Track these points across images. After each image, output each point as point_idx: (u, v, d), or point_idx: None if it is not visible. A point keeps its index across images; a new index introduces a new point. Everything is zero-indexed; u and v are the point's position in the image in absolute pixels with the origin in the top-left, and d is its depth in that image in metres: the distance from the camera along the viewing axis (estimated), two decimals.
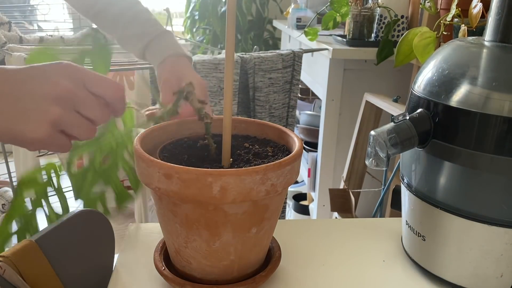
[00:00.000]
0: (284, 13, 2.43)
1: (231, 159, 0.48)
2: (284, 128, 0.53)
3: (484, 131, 0.44)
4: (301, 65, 1.35)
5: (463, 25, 0.96)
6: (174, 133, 0.54)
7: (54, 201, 0.56)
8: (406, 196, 0.54)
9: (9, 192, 1.50)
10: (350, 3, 1.48)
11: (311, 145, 1.84)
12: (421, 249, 0.53)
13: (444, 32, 1.04)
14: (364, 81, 1.49)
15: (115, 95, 0.45)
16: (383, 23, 1.39)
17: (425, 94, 0.48)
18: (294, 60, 1.33)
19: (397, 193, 0.59)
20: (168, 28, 1.52)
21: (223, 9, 2.65)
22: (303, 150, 1.16)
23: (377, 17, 1.41)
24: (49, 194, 0.56)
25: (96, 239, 0.51)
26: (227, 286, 0.47)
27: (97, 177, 0.58)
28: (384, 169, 0.67)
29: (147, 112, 0.63)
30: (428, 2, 1.14)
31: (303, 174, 1.84)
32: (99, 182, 0.58)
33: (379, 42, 1.36)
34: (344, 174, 1.44)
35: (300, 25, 1.87)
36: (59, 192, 0.57)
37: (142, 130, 0.50)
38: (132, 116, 0.62)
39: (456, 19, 1.00)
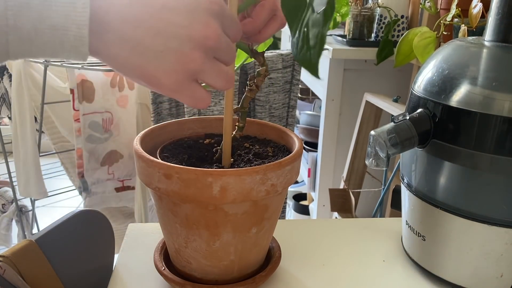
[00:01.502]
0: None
1: (232, 159, 0.48)
2: (284, 128, 0.53)
3: (484, 131, 0.44)
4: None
5: (463, 25, 0.96)
6: (174, 133, 0.54)
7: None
8: (406, 196, 0.54)
9: (9, 192, 1.50)
10: (350, 3, 1.48)
11: (311, 145, 1.84)
12: (421, 249, 0.53)
13: (444, 32, 1.04)
14: (364, 81, 1.48)
15: (237, 39, 0.40)
16: (383, 23, 1.39)
17: (425, 94, 0.48)
18: (294, 60, 1.33)
19: (397, 193, 0.59)
20: None
21: None
22: (303, 150, 1.16)
23: (377, 17, 1.41)
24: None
25: (96, 239, 0.51)
26: (227, 286, 0.47)
27: None
28: (384, 169, 0.67)
29: None
30: (428, 2, 1.14)
31: (303, 174, 1.84)
32: None
33: (379, 42, 1.36)
34: (344, 174, 1.44)
35: None
36: None
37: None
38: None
39: (456, 19, 1.00)
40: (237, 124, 0.49)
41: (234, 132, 0.49)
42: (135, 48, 0.34)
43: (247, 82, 0.48)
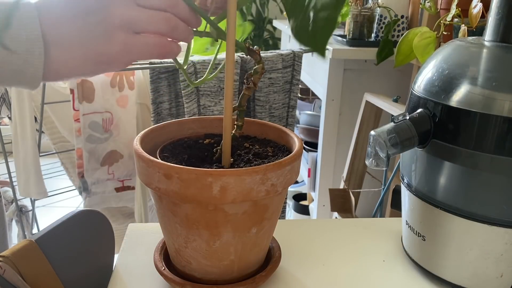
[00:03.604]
0: (284, 13, 2.43)
1: (231, 159, 0.48)
2: (284, 128, 0.53)
3: (484, 131, 0.44)
4: (301, 65, 1.35)
5: (463, 25, 0.96)
6: (174, 133, 0.54)
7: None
8: (406, 196, 0.54)
9: (9, 192, 1.50)
10: (350, 3, 1.48)
11: (311, 145, 1.84)
12: (421, 249, 0.53)
13: (444, 32, 1.04)
14: (364, 81, 1.48)
15: None
16: (383, 23, 1.39)
17: (425, 94, 0.48)
18: (294, 60, 1.33)
19: (397, 193, 0.59)
20: None
21: None
22: (303, 150, 1.16)
23: (377, 17, 1.41)
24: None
25: (96, 239, 0.51)
26: (227, 286, 0.47)
27: None
28: (384, 169, 0.67)
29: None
30: (428, 2, 1.14)
31: (303, 174, 1.84)
32: None
33: (379, 42, 1.36)
34: (344, 174, 1.44)
35: None
36: None
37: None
38: None
39: (456, 19, 1.00)
40: (235, 123, 0.49)
41: (233, 131, 0.49)
42: (75, 45, 0.39)
43: (244, 80, 0.48)
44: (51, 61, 0.39)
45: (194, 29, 0.45)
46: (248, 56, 0.47)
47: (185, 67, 0.51)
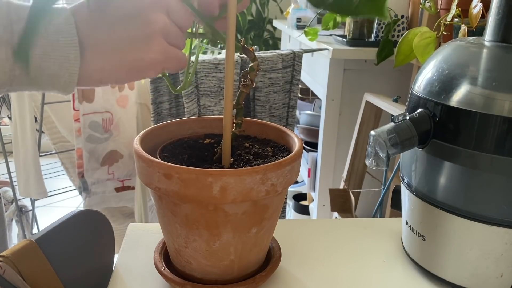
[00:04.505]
0: (284, 13, 2.43)
1: (231, 159, 0.48)
2: (284, 128, 0.53)
3: (484, 131, 0.44)
4: (301, 65, 1.35)
5: (463, 25, 0.96)
6: (174, 133, 0.54)
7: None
8: (406, 196, 0.54)
9: (9, 192, 1.50)
10: None
11: (311, 145, 1.84)
12: (421, 249, 0.53)
13: (444, 32, 1.04)
14: (364, 81, 1.48)
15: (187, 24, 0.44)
16: (383, 23, 1.39)
17: (425, 94, 0.48)
18: (294, 60, 1.33)
19: (397, 193, 0.59)
20: None
21: None
22: (303, 150, 1.16)
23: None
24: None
25: (96, 239, 0.51)
26: (227, 286, 0.47)
27: None
28: (384, 169, 0.67)
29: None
30: (428, 2, 1.14)
31: (303, 174, 1.84)
32: None
33: (379, 42, 1.36)
34: (344, 174, 1.44)
35: (300, 25, 1.87)
36: None
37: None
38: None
39: (456, 19, 1.00)
40: (234, 121, 0.49)
41: (233, 130, 0.49)
42: (112, 51, 0.39)
43: (240, 78, 0.48)
44: (86, 66, 0.39)
45: (188, 31, 0.46)
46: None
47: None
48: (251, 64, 0.47)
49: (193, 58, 0.56)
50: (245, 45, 0.47)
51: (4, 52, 0.36)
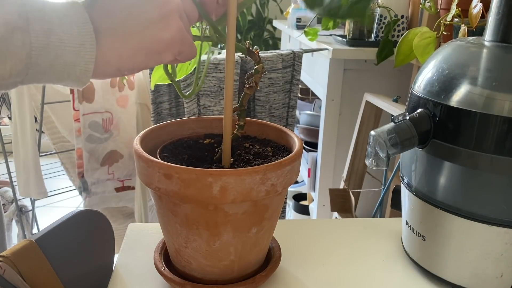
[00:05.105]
0: (284, 13, 2.43)
1: (231, 159, 0.48)
2: (284, 128, 0.53)
3: (484, 131, 0.44)
4: (301, 65, 1.35)
5: (463, 25, 0.96)
6: (174, 133, 0.54)
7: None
8: (406, 196, 0.54)
9: (9, 192, 1.50)
10: None
11: (311, 145, 1.84)
12: (421, 249, 0.53)
13: (444, 32, 1.04)
14: (364, 81, 1.48)
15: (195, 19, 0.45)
16: (383, 23, 1.39)
17: (425, 94, 0.48)
18: (294, 60, 1.33)
19: (397, 193, 0.59)
20: None
21: None
22: (303, 150, 1.16)
23: (377, 17, 1.41)
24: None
25: (96, 239, 0.51)
26: (227, 286, 0.47)
27: None
28: (384, 169, 0.67)
29: None
30: (428, 2, 1.14)
31: (303, 174, 1.84)
32: None
33: (379, 42, 1.36)
34: (344, 174, 1.44)
35: (300, 25, 1.87)
36: None
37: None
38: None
39: (456, 19, 1.00)
40: (237, 123, 0.49)
41: (235, 131, 0.49)
42: (130, 34, 0.39)
43: (245, 80, 0.48)
44: (104, 53, 0.39)
45: (195, 35, 0.46)
46: (248, 57, 0.47)
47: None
48: (256, 67, 0.47)
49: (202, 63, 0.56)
50: (250, 48, 0.47)
51: (20, 39, 0.35)
